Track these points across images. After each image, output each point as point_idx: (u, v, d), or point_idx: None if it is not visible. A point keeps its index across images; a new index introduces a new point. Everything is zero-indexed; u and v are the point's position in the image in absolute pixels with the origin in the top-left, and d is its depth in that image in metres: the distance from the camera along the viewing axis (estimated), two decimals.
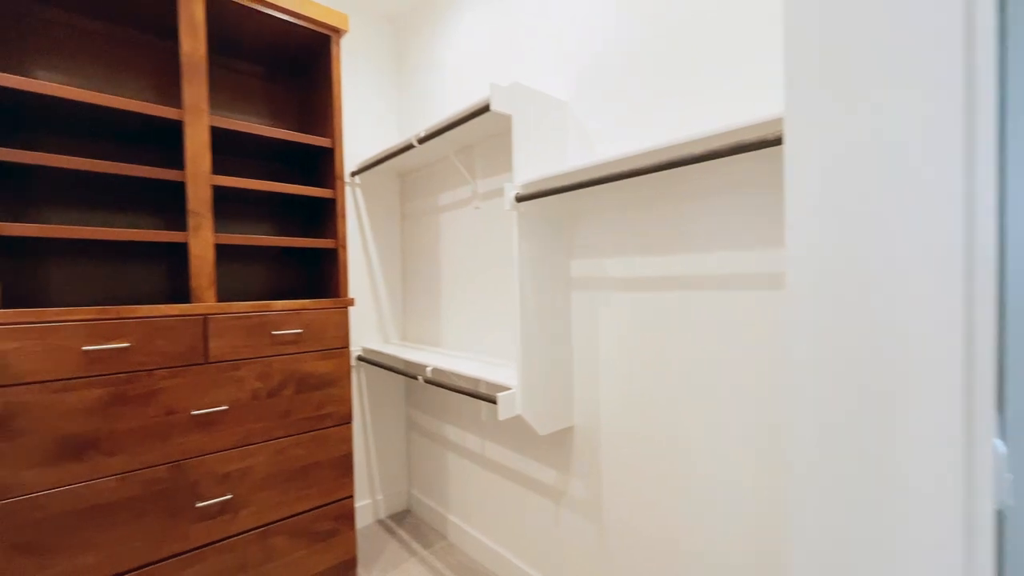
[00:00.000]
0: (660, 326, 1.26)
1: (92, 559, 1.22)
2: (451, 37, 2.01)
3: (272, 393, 1.53)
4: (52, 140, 1.47)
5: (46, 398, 1.17)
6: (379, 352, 2.17)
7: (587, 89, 1.44)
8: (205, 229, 1.42)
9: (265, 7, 1.53)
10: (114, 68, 1.58)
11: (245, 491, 1.47)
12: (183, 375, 1.36)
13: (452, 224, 2.04)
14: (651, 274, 1.28)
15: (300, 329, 1.58)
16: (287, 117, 1.98)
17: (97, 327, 1.23)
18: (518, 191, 1.33)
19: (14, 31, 1.41)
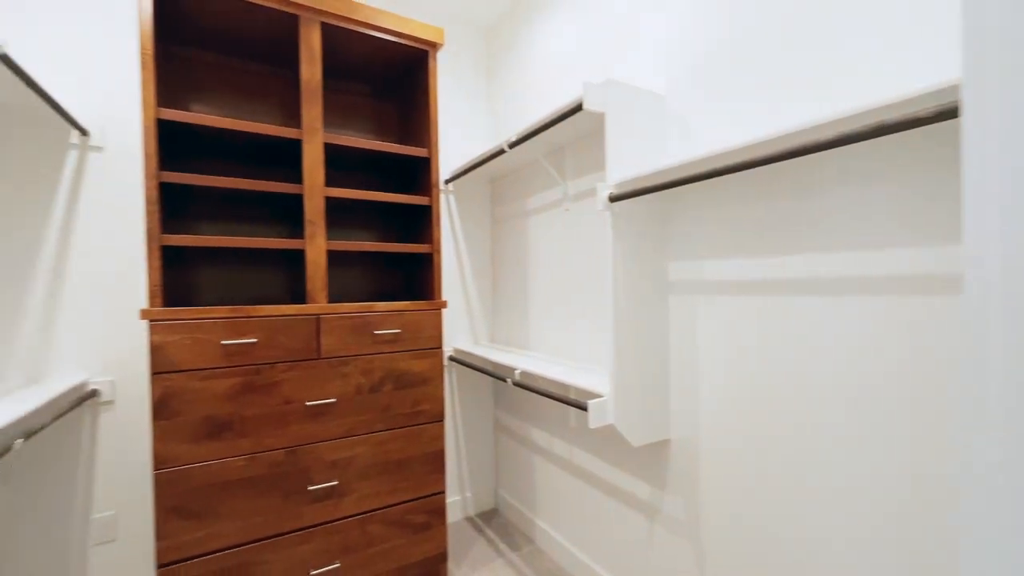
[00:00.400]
0: (774, 334, 1.13)
1: (228, 527, 1.39)
2: (541, 41, 2.01)
3: (373, 389, 1.63)
4: (200, 162, 1.72)
5: (194, 384, 1.36)
6: (469, 353, 2.23)
7: (687, 81, 1.35)
8: (319, 237, 1.56)
9: (371, 29, 1.65)
10: (247, 97, 1.80)
11: (349, 479, 1.58)
12: (299, 369, 1.50)
13: (541, 227, 2.03)
14: (762, 277, 1.15)
15: (398, 329, 1.67)
16: (389, 130, 2.11)
17: (232, 324, 1.40)
18: (612, 191, 1.28)
19: (176, 74, 1.67)
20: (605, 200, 1.27)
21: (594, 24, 1.70)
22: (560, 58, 1.90)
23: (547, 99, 2.00)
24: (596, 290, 1.74)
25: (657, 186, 1.14)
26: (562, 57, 1.89)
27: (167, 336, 1.32)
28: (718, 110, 1.26)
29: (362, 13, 1.61)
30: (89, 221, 1.60)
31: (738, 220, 1.20)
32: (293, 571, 1.48)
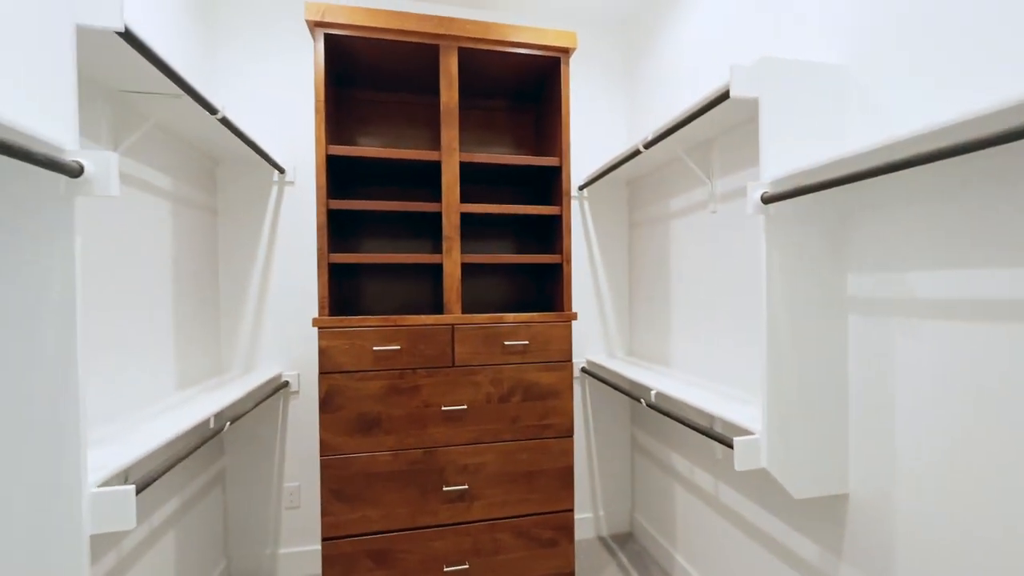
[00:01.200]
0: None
1: (375, 514, 1.55)
2: (685, 27, 1.82)
3: (502, 399, 1.65)
4: (364, 185, 1.97)
5: (352, 384, 1.55)
6: (603, 367, 2.13)
7: (875, 44, 1.06)
8: (454, 251, 1.65)
9: (504, 45, 1.68)
10: (399, 123, 2.00)
11: (479, 485, 1.63)
12: (436, 375, 1.60)
13: (684, 231, 1.84)
14: (1003, 295, 0.83)
15: (527, 341, 1.67)
16: (526, 138, 2.14)
17: (381, 332, 1.56)
18: (766, 190, 1.07)
19: (345, 112, 1.95)
20: (757, 202, 1.07)
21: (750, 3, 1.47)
22: (706, 44, 1.69)
23: (693, 89, 1.80)
24: (748, 304, 1.49)
25: (833, 180, 0.91)
26: (708, 43, 1.67)
27: (331, 341, 1.53)
28: (916, 82, 0.96)
29: (495, 32, 1.66)
30: (285, 243, 1.96)
31: (960, 216, 0.90)
32: (428, 564, 1.58)
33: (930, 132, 0.76)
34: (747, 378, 1.50)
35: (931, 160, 0.73)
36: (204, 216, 1.79)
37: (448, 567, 1.60)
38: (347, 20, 1.55)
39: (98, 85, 1.17)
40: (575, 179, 2.26)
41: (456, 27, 1.63)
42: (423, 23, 1.60)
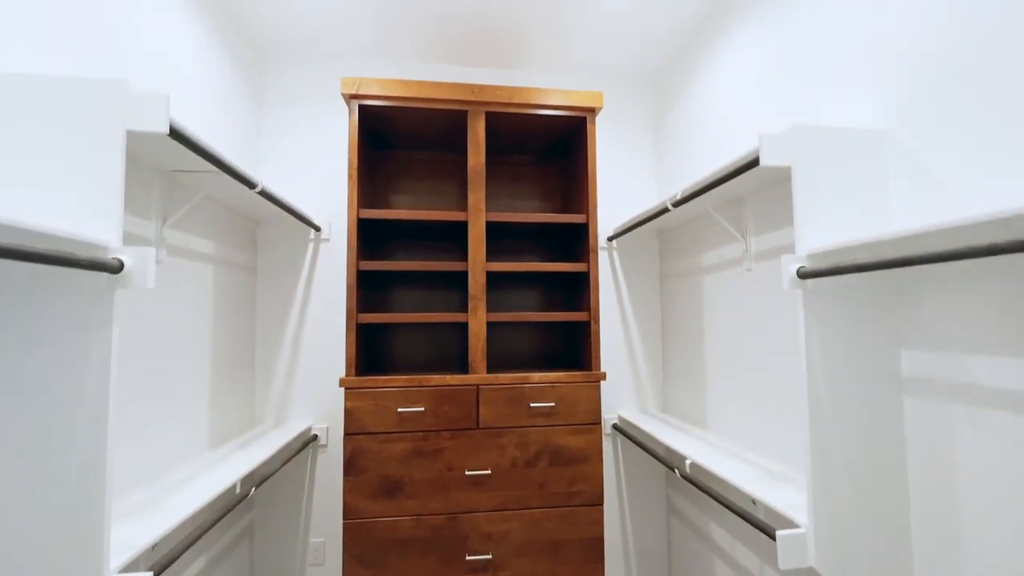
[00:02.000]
0: None
1: None
2: (713, 81, 1.80)
3: (528, 463, 1.60)
4: (396, 243, 2.01)
5: (376, 445, 1.54)
6: (635, 425, 2.03)
7: (923, 106, 1.00)
8: (480, 310, 1.64)
9: (531, 108, 1.72)
10: (429, 181, 2.06)
11: (503, 554, 1.56)
12: (459, 438, 1.57)
13: (718, 287, 1.76)
14: None
15: (553, 403, 1.62)
16: (553, 194, 2.15)
17: (406, 393, 1.56)
18: (802, 265, 1.02)
19: (378, 171, 2.02)
20: (793, 276, 1.01)
21: (779, 55, 1.44)
22: (735, 95, 1.66)
23: (722, 139, 1.76)
24: (786, 367, 1.39)
25: (879, 263, 0.84)
26: (737, 95, 1.65)
27: (357, 402, 1.54)
28: (971, 147, 0.90)
29: (522, 96, 1.70)
30: (318, 298, 2.02)
31: None
32: None
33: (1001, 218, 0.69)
34: (789, 450, 1.38)
35: (1001, 252, 0.66)
36: (244, 275, 1.88)
37: None
38: (380, 92, 1.62)
39: (149, 166, 1.26)
40: (605, 229, 2.24)
41: (485, 93, 1.68)
42: (452, 91, 1.66)
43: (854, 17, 1.17)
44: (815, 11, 1.29)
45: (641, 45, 2.04)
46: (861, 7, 1.15)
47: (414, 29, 1.91)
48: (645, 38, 1.99)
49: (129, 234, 1.19)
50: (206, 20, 1.62)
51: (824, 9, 1.26)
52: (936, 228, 0.76)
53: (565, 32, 1.93)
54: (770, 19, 1.48)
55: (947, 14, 0.95)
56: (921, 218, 1.00)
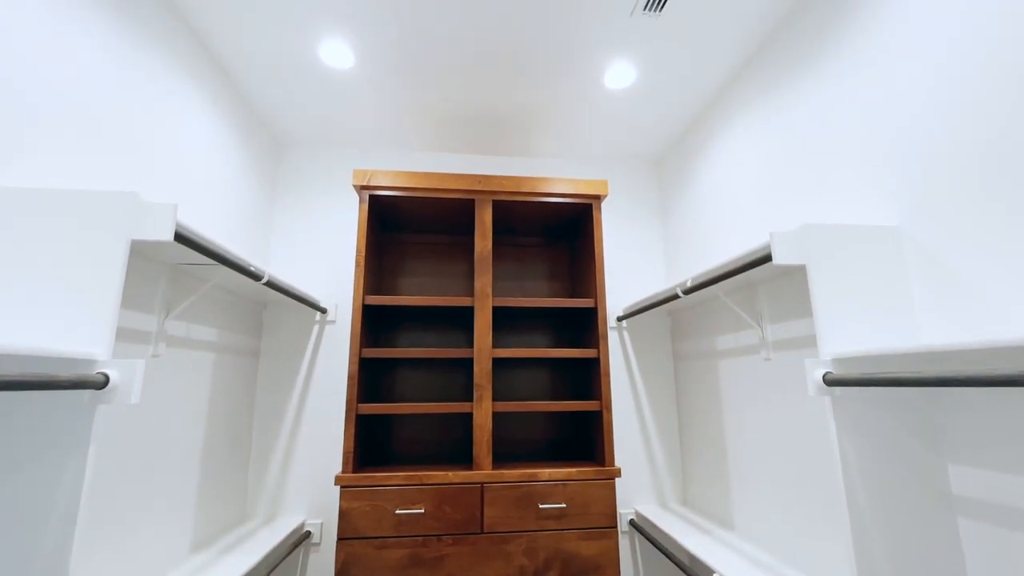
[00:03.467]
0: None
1: None
2: (719, 166, 1.84)
3: (537, 573, 1.44)
4: (402, 326, 1.98)
5: (370, 552, 1.41)
6: (654, 524, 1.86)
7: (935, 203, 0.98)
8: (485, 399, 1.57)
9: (536, 196, 1.75)
10: (437, 263, 2.07)
11: None
12: (462, 543, 1.44)
13: (735, 373, 1.68)
14: None
15: (564, 503, 1.50)
16: (561, 274, 2.14)
17: (405, 492, 1.45)
18: (828, 371, 0.95)
19: (387, 253, 2.04)
20: (819, 383, 0.94)
21: (785, 145, 1.47)
22: (742, 185, 1.68)
23: (729, 227, 1.76)
24: (819, 471, 1.27)
25: (911, 380, 0.77)
26: (744, 184, 1.67)
27: (352, 502, 1.43)
28: (988, 244, 0.86)
29: (528, 184, 1.73)
30: (320, 384, 1.96)
31: None
32: None
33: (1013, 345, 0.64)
34: (829, 568, 1.23)
35: None
36: (245, 360, 1.84)
37: None
38: (390, 183, 1.67)
39: (157, 261, 1.27)
40: (615, 309, 2.20)
41: (491, 183, 1.71)
42: (459, 181, 1.70)
43: (855, 116, 1.19)
44: (811, 106, 1.32)
45: (645, 131, 2.11)
46: (860, 106, 1.17)
47: (421, 121, 2.01)
48: (649, 125, 2.06)
49: (129, 330, 1.17)
50: (224, 115, 1.71)
51: (822, 104, 1.29)
52: (973, 346, 0.71)
53: (570, 119, 2.02)
54: (771, 109, 1.52)
55: (959, 115, 0.95)
56: (949, 317, 0.95)
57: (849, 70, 1.21)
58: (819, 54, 1.31)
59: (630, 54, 1.62)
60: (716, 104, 1.85)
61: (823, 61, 1.30)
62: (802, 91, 1.38)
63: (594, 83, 1.77)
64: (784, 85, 1.46)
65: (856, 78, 1.19)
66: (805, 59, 1.37)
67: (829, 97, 1.27)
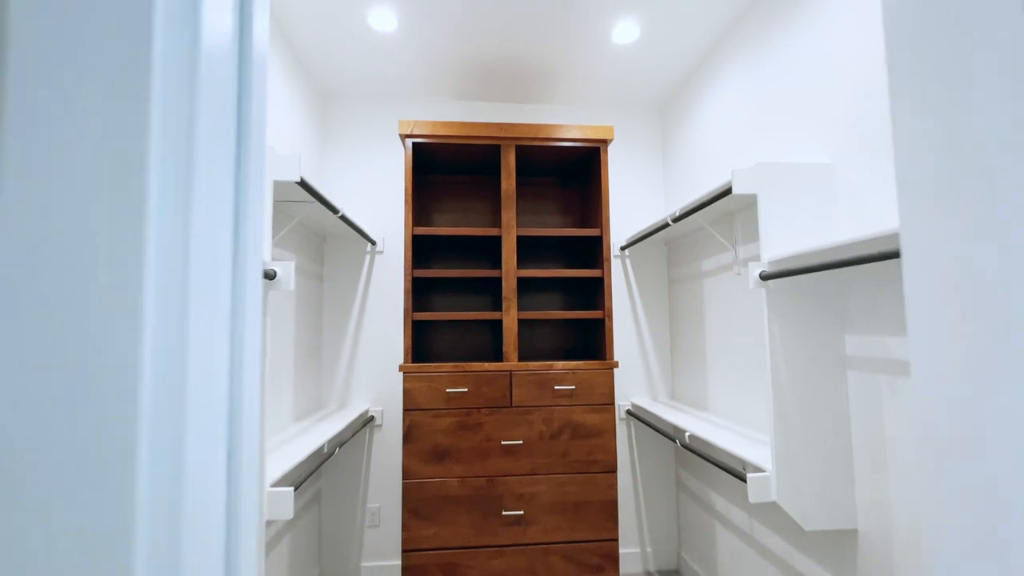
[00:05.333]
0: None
1: (446, 532, 1.84)
2: (711, 112, 2.12)
3: (553, 436, 1.92)
4: (441, 253, 2.38)
5: (427, 420, 1.89)
6: (646, 410, 2.33)
7: (855, 151, 1.31)
8: (512, 309, 1.98)
9: (553, 140, 2.06)
10: (468, 200, 2.42)
11: (533, 511, 1.88)
12: (496, 414, 1.91)
13: (715, 289, 2.07)
14: None
15: (573, 386, 1.95)
16: (573, 209, 2.49)
17: (452, 376, 1.90)
18: (764, 269, 1.33)
19: (424, 192, 2.39)
20: (756, 279, 1.32)
21: (761, 97, 1.75)
22: (728, 128, 1.98)
23: (717, 169, 2.07)
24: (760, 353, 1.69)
25: (819, 266, 1.15)
26: (730, 127, 1.96)
27: (414, 384, 1.89)
28: (887, 181, 1.20)
29: (545, 131, 2.04)
30: (374, 302, 2.39)
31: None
32: None
33: (879, 236, 1.00)
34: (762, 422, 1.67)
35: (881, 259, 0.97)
36: (314, 283, 2.26)
37: None
38: (429, 132, 1.99)
39: None
40: (619, 240, 2.56)
41: (514, 130, 2.03)
42: (488, 129, 2.01)
43: (813, 65, 1.48)
44: (783, 60, 1.60)
45: (648, 81, 2.36)
46: (817, 56, 1.46)
47: (452, 73, 2.29)
48: (652, 76, 2.31)
49: None
50: (285, 71, 2.02)
51: (790, 58, 1.57)
52: (862, 238, 1.07)
53: (582, 70, 2.28)
54: (754, 60, 1.79)
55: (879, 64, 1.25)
56: (860, 230, 1.30)
57: (814, 20, 1.48)
58: (795, 10, 1.57)
59: (635, 13, 1.86)
60: (710, 57, 2.10)
61: (797, 13, 1.56)
62: (779, 42, 1.65)
63: (603, 39, 2.03)
64: (766, 37, 1.72)
65: (815, 28, 1.46)
66: (785, 13, 1.63)
67: (798, 47, 1.55)
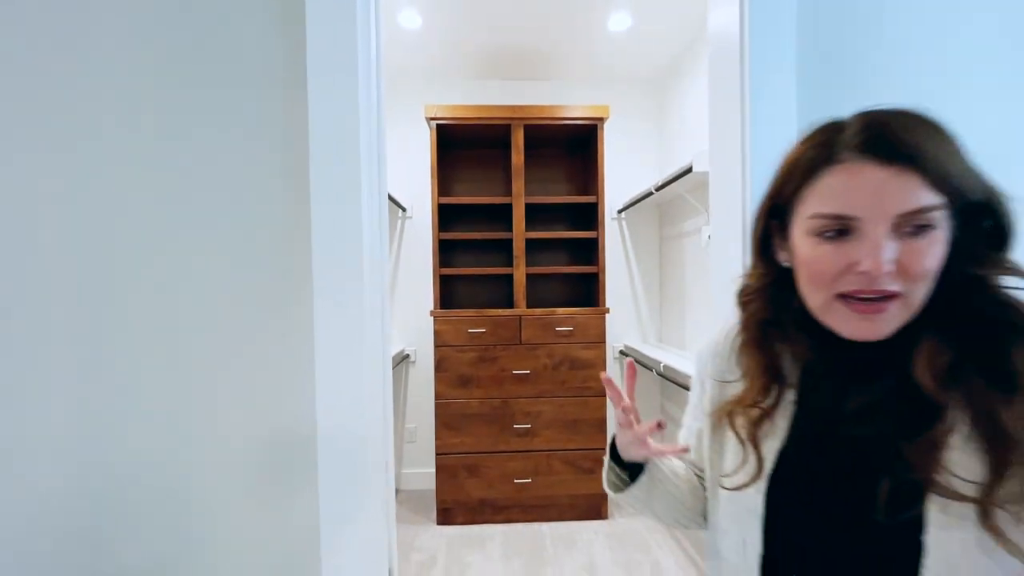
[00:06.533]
0: None
1: (468, 440, 2.36)
2: (694, 92, 2.41)
3: (555, 367, 2.38)
4: (461, 218, 2.78)
5: (454, 354, 2.36)
6: (635, 349, 2.76)
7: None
8: (521, 265, 2.40)
9: (558, 119, 2.39)
10: (482, 171, 2.79)
11: (539, 426, 2.37)
12: (508, 350, 2.37)
13: (691, 247, 2.43)
14: None
15: (572, 328, 2.38)
16: (576, 177, 2.84)
17: (473, 320, 2.35)
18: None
19: (444, 164, 2.77)
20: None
21: None
22: None
23: (703, 138, 2.38)
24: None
25: None
26: None
27: (442, 326, 2.35)
28: None
29: (549, 112, 2.38)
30: (406, 259, 2.83)
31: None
32: (503, 477, 2.36)
33: None
34: None
35: None
36: None
37: (517, 479, 2.36)
38: (449, 114, 2.35)
39: None
40: (615, 205, 2.91)
41: (523, 111, 2.37)
42: (500, 111, 2.36)
43: None
44: None
45: (642, 61, 2.64)
46: None
47: (467, 58, 2.60)
48: (644, 57, 2.58)
49: None
50: None
51: None
52: None
53: (583, 51, 2.56)
54: None
55: None
56: None
57: None
58: None
59: (628, 7, 2.14)
60: (696, 41, 2.36)
61: None
62: None
63: (600, 27, 2.31)
64: None
65: None
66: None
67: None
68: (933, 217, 0.42)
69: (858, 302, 0.45)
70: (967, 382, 0.42)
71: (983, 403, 0.41)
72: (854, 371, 0.49)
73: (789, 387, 0.54)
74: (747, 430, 0.54)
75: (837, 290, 0.46)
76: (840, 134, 0.46)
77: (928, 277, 0.44)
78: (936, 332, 0.45)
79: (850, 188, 0.44)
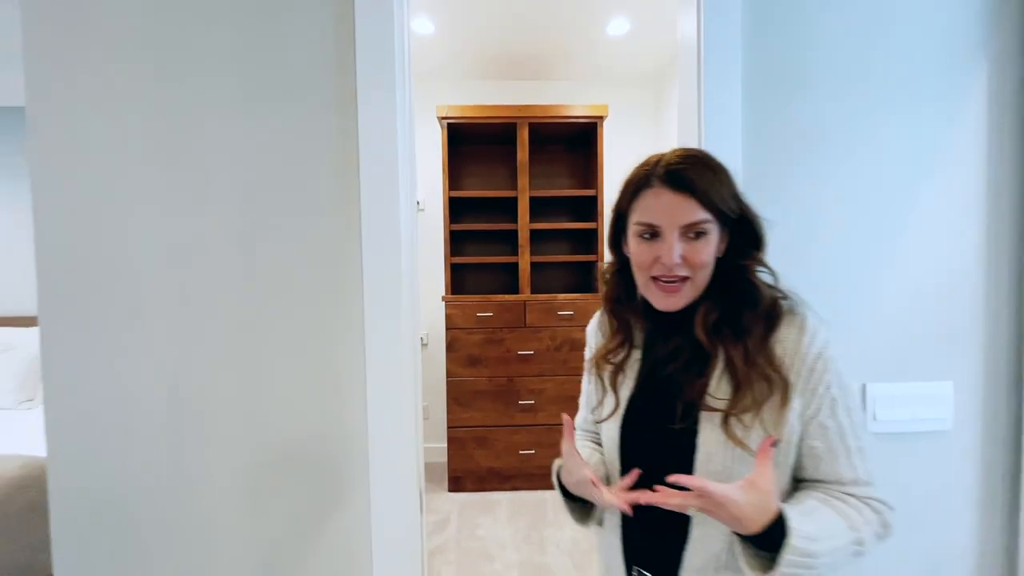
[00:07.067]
0: None
1: (477, 415, 2.56)
2: None
3: (557, 348, 2.58)
4: (470, 210, 2.96)
5: (463, 336, 2.56)
6: None
7: None
8: (526, 254, 2.59)
9: (560, 118, 2.57)
10: (489, 165, 2.97)
11: (541, 403, 2.58)
12: (513, 332, 2.56)
13: None
14: None
15: (572, 312, 2.57)
16: (578, 171, 3.01)
17: (481, 304, 2.55)
18: None
19: (454, 159, 2.95)
20: None
21: None
22: None
23: None
24: None
25: None
26: None
27: (453, 310, 2.55)
28: None
29: (553, 110, 2.55)
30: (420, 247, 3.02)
31: None
32: (509, 448, 2.57)
33: None
34: None
35: None
36: None
37: (522, 451, 2.57)
38: (459, 114, 2.53)
39: None
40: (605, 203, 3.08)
41: (527, 111, 2.54)
42: (506, 111, 2.54)
43: None
44: None
45: (640, 63, 2.80)
46: None
47: (476, 60, 2.77)
48: (642, 59, 2.75)
49: None
50: None
51: None
52: None
53: (583, 54, 2.72)
54: None
55: None
56: None
57: None
58: None
59: (625, 14, 2.30)
60: None
61: None
62: None
63: (599, 32, 2.47)
64: None
65: None
66: None
67: None
68: (706, 227, 0.61)
69: (663, 283, 0.64)
70: (723, 334, 0.63)
71: (729, 348, 0.62)
72: (665, 331, 0.69)
73: (636, 347, 0.73)
74: (608, 379, 0.73)
75: (650, 274, 0.64)
76: (656, 167, 0.64)
77: (705, 266, 0.62)
78: (710, 301, 0.65)
79: (656, 206, 0.63)
